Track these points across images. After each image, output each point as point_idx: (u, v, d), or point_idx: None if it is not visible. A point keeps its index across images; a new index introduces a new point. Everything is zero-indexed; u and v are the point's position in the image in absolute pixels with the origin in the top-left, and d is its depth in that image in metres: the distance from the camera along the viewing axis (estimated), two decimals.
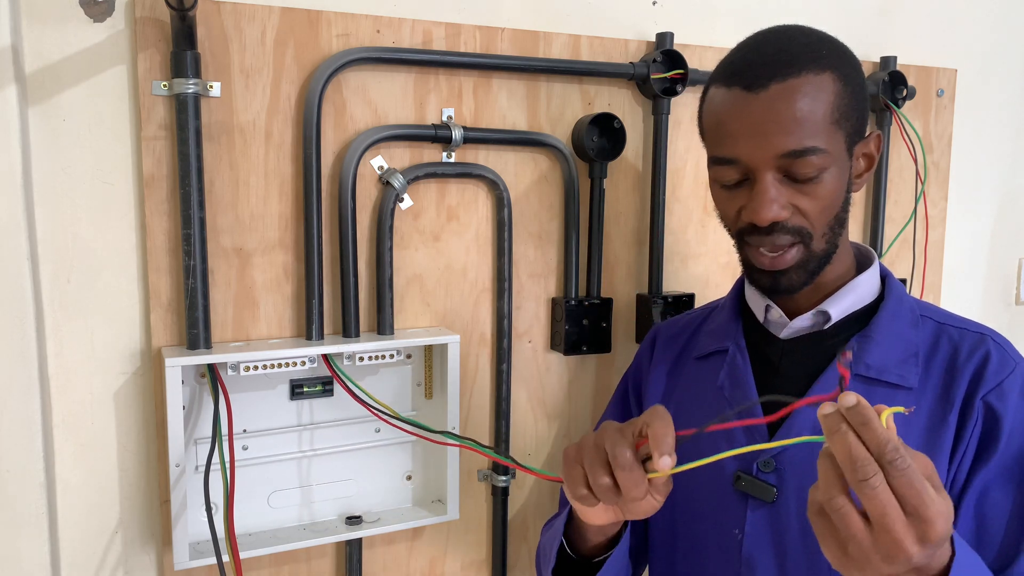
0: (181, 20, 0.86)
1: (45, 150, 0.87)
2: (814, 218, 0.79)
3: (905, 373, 0.81)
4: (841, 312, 0.85)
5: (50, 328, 0.90)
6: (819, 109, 0.76)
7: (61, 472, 0.92)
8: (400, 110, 1.01)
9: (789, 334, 0.86)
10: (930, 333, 0.83)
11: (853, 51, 0.83)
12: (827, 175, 0.78)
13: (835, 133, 0.77)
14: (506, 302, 1.09)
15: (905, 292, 0.87)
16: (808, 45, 0.79)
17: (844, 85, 0.78)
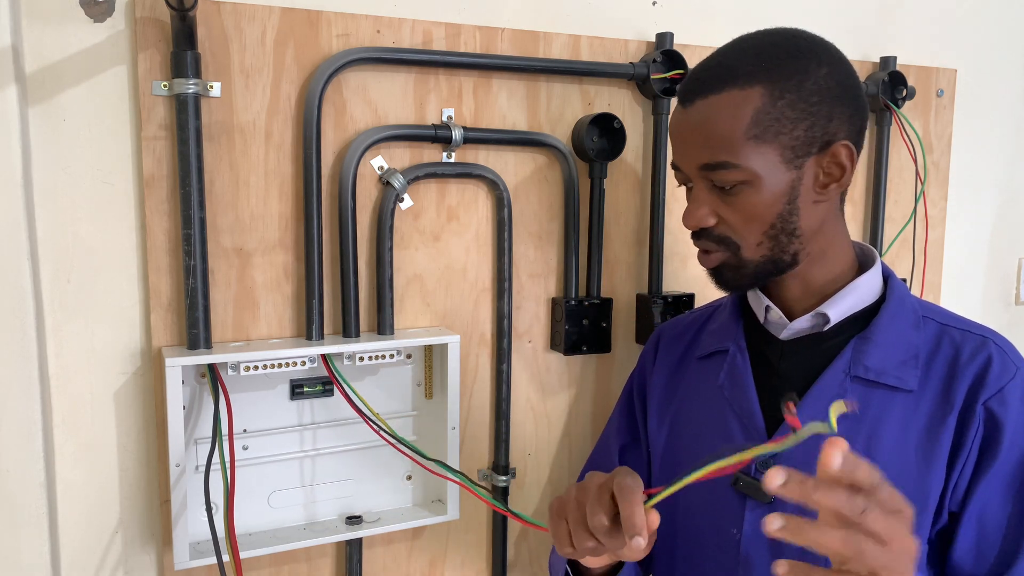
0: (181, 20, 0.86)
1: (45, 150, 0.87)
2: (739, 228, 0.82)
3: (904, 375, 0.81)
4: (840, 314, 0.85)
5: (50, 328, 0.90)
6: (734, 125, 0.79)
7: (61, 472, 0.92)
8: (400, 110, 1.01)
9: (789, 335, 0.87)
10: (932, 334, 0.83)
11: (837, 54, 0.82)
12: (748, 188, 0.80)
13: (755, 148, 0.79)
14: (506, 302, 1.09)
15: (908, 293, 0.87)
16: (748, 59, 0.80)
17: (775, 100, 0.78)
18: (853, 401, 0.83)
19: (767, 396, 0.86)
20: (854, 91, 0.82)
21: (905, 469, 0.79)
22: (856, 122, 0.82)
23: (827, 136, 0.80)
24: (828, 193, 0.82)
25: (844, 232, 0.87)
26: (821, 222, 0.83)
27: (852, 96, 0.81)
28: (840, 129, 0.80)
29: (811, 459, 0.78)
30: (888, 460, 0.79)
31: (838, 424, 0.64)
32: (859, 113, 0.82)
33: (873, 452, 0.80)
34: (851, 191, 1.32)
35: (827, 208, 0.83)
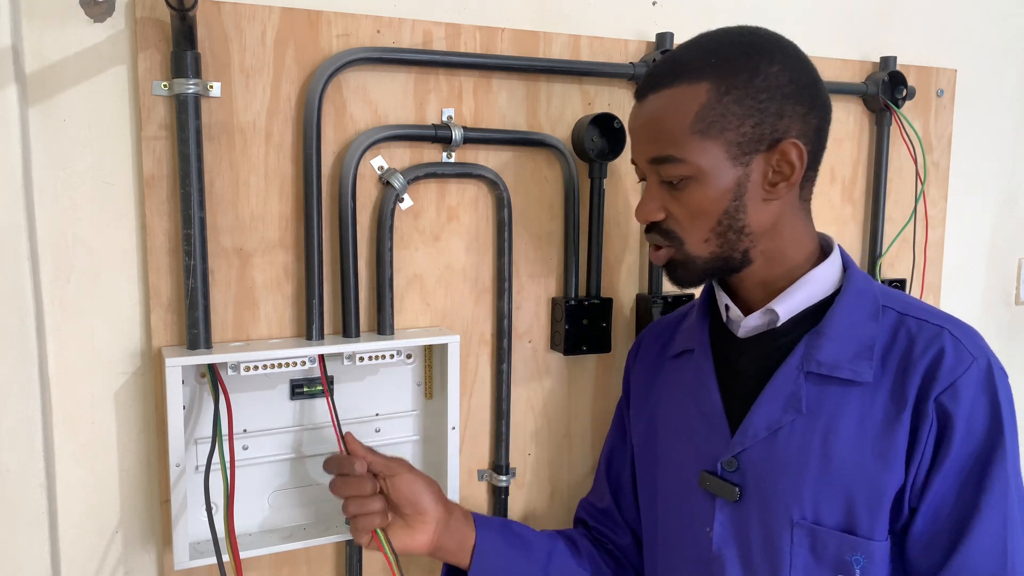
0: (181, 20, 0.86)
1: (45, 150, 0.87)
2: (685, 224, 0.83)
3: (859, 368, 0.80)
4: (790, 310, 0.85)
5: (50, 328, 0.90)
6: (679, 120, 0.80)
7: (61, 472, 0.92)
8: (400, 110, 1.01)
9: (745, 332, 0.88)
10: (890, 325, 0.82)
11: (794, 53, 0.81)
12: (694, 183, 0.81)
13: (700, 143, 0.79)
14: (506, 302, 1.09)
15: (868, 281, 0.86)
16: (700, 55, 0.81)
17: (721, 95, 0.78)
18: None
19: (729, 394, 0.88)
20: (811, 90, 0.81)
21: (863, 463, 0.79)
22: (811, 120, 0.81)
23: (776, 134, 0.80)
24: (778, 191, 0.81)
25: (805, 229, 0.86)
26: (774, 220, 0.83)
27: (808, 95, 0.81)
28: (792, 127, 0.80)
29: (771, 458, 0.82)
30: (846, 455, 0.79)
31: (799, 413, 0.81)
32: (816, 112, 0.81)
33: (830, 447, 0.80)
34: (851, 191, 1.32)
35: (780, 206, 0.83)
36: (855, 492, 0.79)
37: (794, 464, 0.81)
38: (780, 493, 0.82)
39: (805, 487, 0.80)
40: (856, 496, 0.79)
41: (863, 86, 1.29)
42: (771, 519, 0.82)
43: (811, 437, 0.81)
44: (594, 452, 1.19)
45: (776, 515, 0.82)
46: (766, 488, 0.83)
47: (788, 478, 0.81)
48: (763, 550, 0.83)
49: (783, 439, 0.82)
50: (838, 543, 0.79)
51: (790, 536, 0.81)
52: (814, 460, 0.80)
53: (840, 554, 0.79)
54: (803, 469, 0.81)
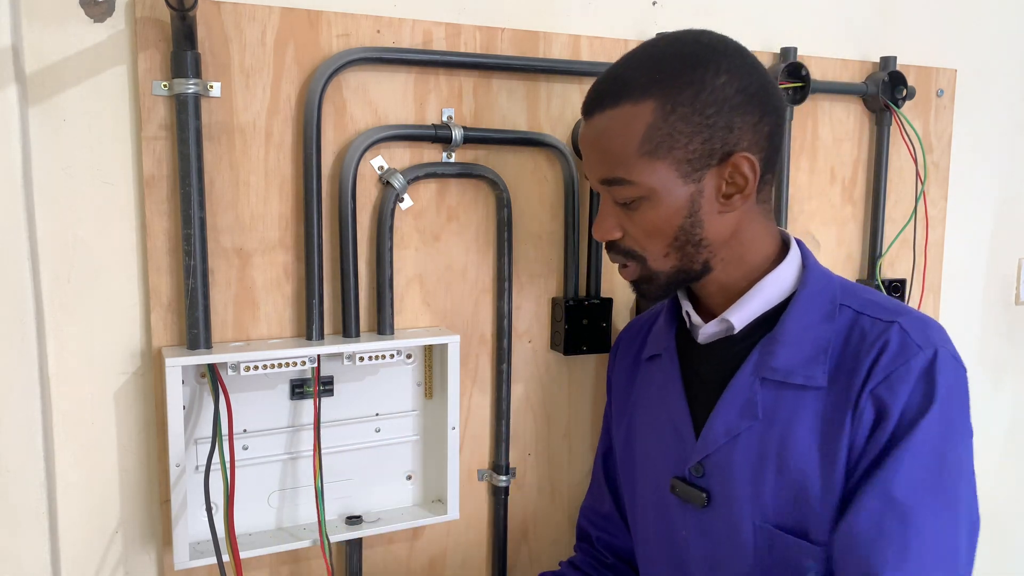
0: (181, 20, 0.86)
1: (45, 150, 0.87)
2: (642, 242, 0.83)
3: (812, 372, 0.79)
4: (744, 319, 0.84)
5: (50, 328, 0.90)
6: (626, 142, 0.79)
7: (61, 472, 0.92)
8: (400, 110, 1.01)
9: (705, 339, 0.88)
10: (845, 324, 0.80)
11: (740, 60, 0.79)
12: (646, 203, 0.80)
13: (649, 164, 0.78)
14: (506, 302, 1.09)
15: (827, 279, 0.84)
16: (643, 71, 0.79)
17: (667, 114, 0.77)
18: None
19: (695, 400, 0.88)
20: (760, 97, 0.79)
21: (814, 468, 0.78)
22: (763, 128, 0.79)
23: (727, 147, 0.78)
24: (733, 203, 0.80)
25: (764, 230, 0.85)
26: (732, 230, 0.82)
27: (758, 102, 0.79)
28: (742, 139, 0.78)
29: (735, 462, 0.82)
30: (799, 459, 0.79)
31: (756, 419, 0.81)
32: (767, 119, 0.79)
33: (786, 452, 0.79)
34: (851, 191, 1.32)
35: (737, 216, 0.82)
36: (809, 497, 0.78)
37: (753, 470, 0.81)
38: (742, 498, 0.82)
39: (764, 492, 0.80)
40: (810, 501, 0.78)
41: (863, 86, 1.29)
42: (736, 524, 0.83)
43: (768, 443, 0.80)
44: (594, 452, 1.19)
45: (740, 520, 0.82)
46: (730, 493, 0.83)
47: (748, 483, 0.82)
48: (730, 554, 0.84)
49: (742, 445, 0.82)
50: (796, 548, 0.79)
51: (753, 540, 0.81)
52: (771, 465, 0.80)
53: (798, 559, 0.79)
54: (762, 474, 0.81)
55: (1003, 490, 1.63)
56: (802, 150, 1.27)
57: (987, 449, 1.58)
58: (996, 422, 1.59)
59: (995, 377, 1.58)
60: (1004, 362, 1.58)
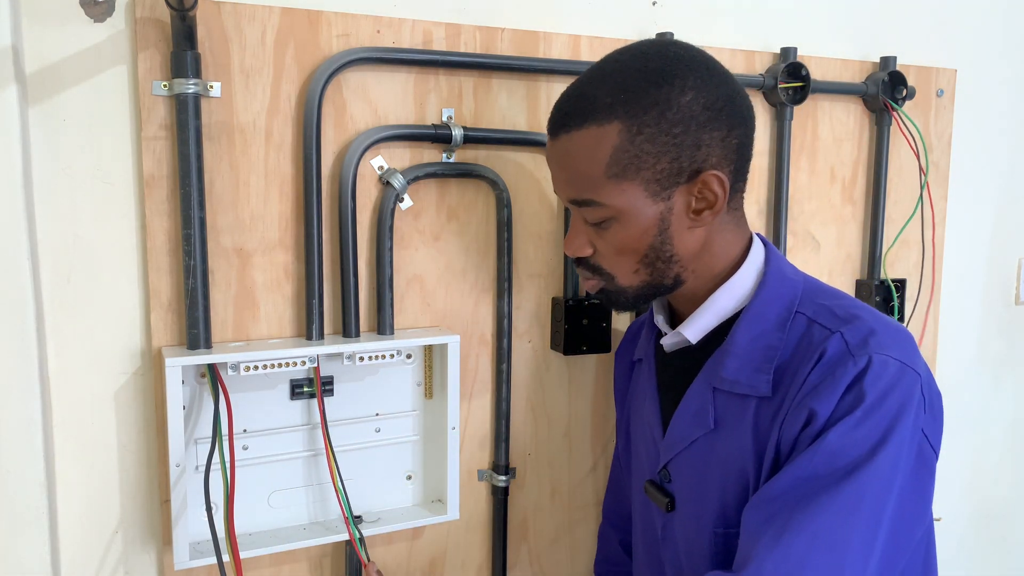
0: (181, 20, 0.86)
1: (45, 150, 0.87)
2: (611, 260, 0.82)
3: (756, 383, 0.78)
4: (698, 333, 0.85)
5: (50, 328, 0.90)
6: (593, 165, 0.78)
7: (61, 472, 0.92)
8: (400, 110, 1.01)
9: (669, 348, 0.89)
10: (798, 333, 0.79)
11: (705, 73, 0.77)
12: (616, 224, 0.80)
13: (617, 185, 0.77)
14: (506, 302, 1.09)
15: (786, 286, 0.82)
16: (607, 90, 0.77)
17: (633, 136, 0.76)
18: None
19: (668, 406, 0.89)
20: (727, 110, 0.77)
21: (750, 474, 0.79)
22: (730, 142, 0.78)
23: (695, 164, 0.77)
24: (703, 219, 0.80)
25: (733, 238, 0.84)
26: (702, 243, 0.82)
27: (724, 117, 0.77)
28: (711, 155, 0.77)
29: (696, 468, 0.84)
30: (743, 467, 0.79)
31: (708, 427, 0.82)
32: (735, 132, 0.78)
33: (733, 460, 0.80)
34: (851, 191, 1.32)
35: (707, 229, 0.81)
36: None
37: (711, 477, 0.82)
38: (702, 504, 0.83)
39: (723, 499, 0.81)
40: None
41: (863, 86, 1.29)
42: (697, 529, 0.84)
43: (721, 451, 0.81)
44: (594, 452, 1.19)
45: (702, 525, 0.83)
46: (690, 499, 0.85)
47: (707, 490, 0.83)
48: (690, 558, 0.86)
49: (699, 452, 0.83)
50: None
51: (712, 545, 0.82)
52: (726, 472, 0.81)
53: None
54: (718, 482, 0.81)
55: (1003, 490, 1.63)
56: (802, 150, 1.27)
57: (987, 449, 1.58)
58: (996, 422, 1.59)
59: (995, 377, 1.58)
60: (1004, 362, 1.58)
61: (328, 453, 0.98)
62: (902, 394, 0.72)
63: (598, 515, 1.21)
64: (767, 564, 0.69)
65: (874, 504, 0.70)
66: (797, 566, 0.68)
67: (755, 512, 0.73)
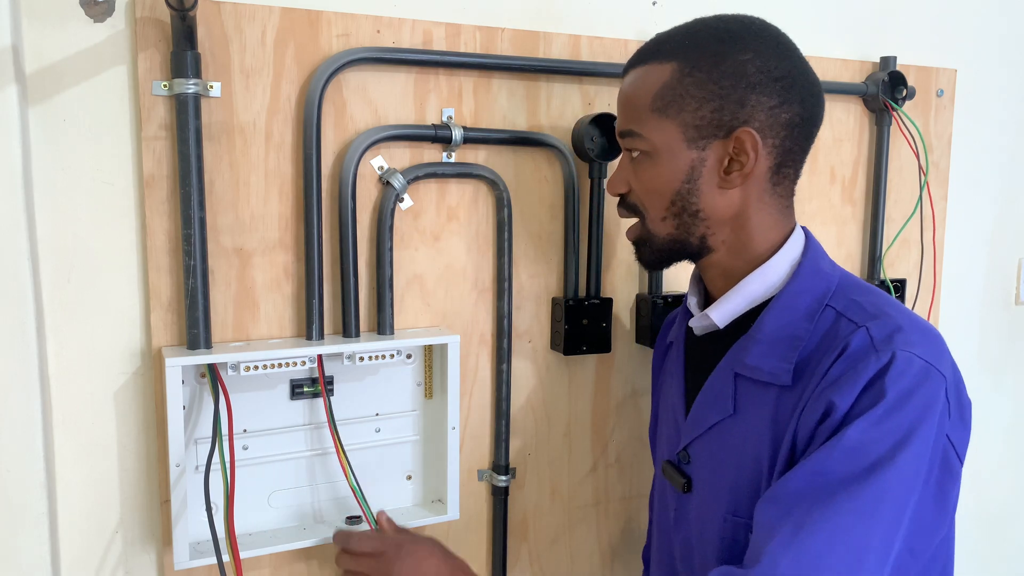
0: (181, 20, 0.86)
1: (45, 150, 0.87)
2: (643, 198, 0.85)
3: (777, 370, 0.78)
4: (725, 317, 0.85)
5: (50, 328, 0.90)
6: (642, 96, 0.82)
7: (61, 472, 0.92)
8: (400, 110, 1.01)
9: (699, 331, 0.90)
10: (825, 326, 0.78)
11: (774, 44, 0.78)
12: (649, 160, 0.83)
13: (657, 121, 0.81)
14: (506, 302, 1.09)
15: (820, 278, 0.82)
16: (678, 37, 0.82)
17: (684, 77, 0.79)
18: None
19: (693, 390, 0.90)
20: (783, 83, 0.78)
21: (764, 464, 0.78)
22: (779, 114, 0.78)
23: (735, 122, 0.78)
24: (732, 180, 0.80)
25: (774, 223, 0.83)
26: (735, 210, 0.82)
27: (778, 87, 0.78)
28: (753, 118, 0.78)
29: (716, 453, 0.84)
30: (757, 455, 0.79)
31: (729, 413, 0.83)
32: (787, 107, 0.79)
33: (749, 449, 0.80)
34: (851, 191, 1.32)
35: (742, 196, 0.81)
36: (760, 491, 0.79)
37: (728, 462, 0.83)
38: (717, 489, 0.84)
39: (737, 485, 0.81)
40: (760, 495, 0.78)
41: (863, 86, 1.29)
42: (709, 513, 0.84)
43: (740, 437, 0.82)
44: (594, 452, 1.19)
45: (714, 510, 0.84)
46: (707, 483, 0.85)
47: (723, 475, 0.83)
48: (700, 541, 0.86)
49: (717, 437, 0.84)
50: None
51: (720, 531, 0.83)
52: (739, 458, 0.81)
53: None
54: (735, 467, 0.82)
55: (1003, 490, 1.63)
56: None
57: (987, 449, 1.58)
58: (996, 422, 1.59)
59: (995, 377, 1.58)
60: (1004, 362, 1.58)
61: (338, 449, 0.98)
62: (926, 395, 0.71)
63: (598, 515, 1.21)
64: (782, 562, 0.68)
65: (894, 506, 0.69)
66: (813, 566, 0.67)
67: (770, 507, 0.72)
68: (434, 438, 1.06)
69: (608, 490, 1.21)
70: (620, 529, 1.23)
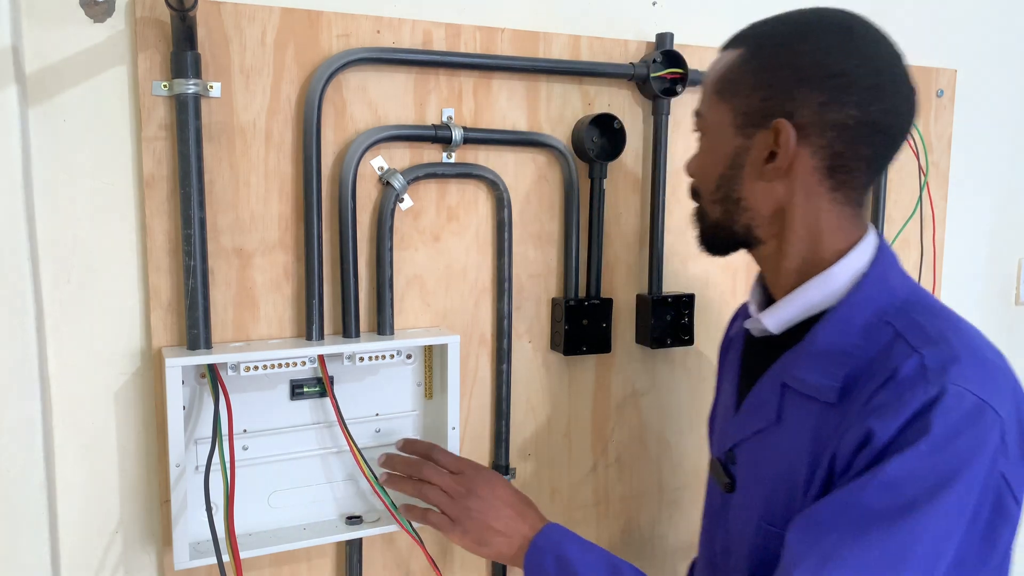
0: (181, 20, 0.86)
1: (45, 150, 0.87)
2: (697, 180, 0.86)
3: (824, 386, 0.75)
4: (780, 323, 0.82)
5: (50, 328, 0.90)
6: (711, 78, 0.82)
7: (61, 472, 0.92)
8: (400, 110, 1.01)
9: (756, 332, 0.89)
10: (881, 344, 0.74)
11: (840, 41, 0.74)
12: (704, 140, 0.84)
13: (717, 104, 0.81)
14: (506, 302, 1.09)
15: (884, 292, 0.78)
16: (760, 23, 0.81)
17: (744, 63, 0.78)
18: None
19: (747, 388, 0.88)
20: (843, 82, 0.73)
21: (801, 479, 0.76)
22: (829, 114, 0.73)
23: (779, 113, 0.75)
24: (771, 173, 0.77)
25: (834, 230, 0.79)
26: (776, 205, 0.79)
27: (835, 86, 0.73)
28: (798, 112, 0.74)
29: (760, 459, 0.83)
30: (796, 470, 0.77)
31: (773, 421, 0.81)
32: (841, 108, 0.73)
33: (791, 459, 0.78)
34: None
35: (782, 191, 0.78)
36: (794, 506, 0.77)
37: (768, 470, 0.81)
38: (756, 495, 0.83)
39: (771, 492, 0.80)
40: (794, 509, 0.76)
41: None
42: (747, 517, 0.84)
43: (780, 446, 0.80)
44: (594, 452, 1.19)
45: (751, 514, 0.83)
46: (749, 486, 0.85)
47: (760, 481, 0.82)
48: (737, 543, 0.86)
49: (760, 443, 0.83)
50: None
51: (754, 537, 0.82)
52: (777, 468, 0.80)
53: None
54: (770, 475, 0.81)
55: None
56: None
57: None
58: None
59: None
60: None
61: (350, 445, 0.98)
62: (976, 435, 0.66)
63: (598, 515, 1.21)
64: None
65: (929, 550, 0.65)
66: None
67: (800, 531, 0.70)
68: (434, 438, 1.06)
69: (608, 490, 1.21)
70: (620, 529, 1.23)
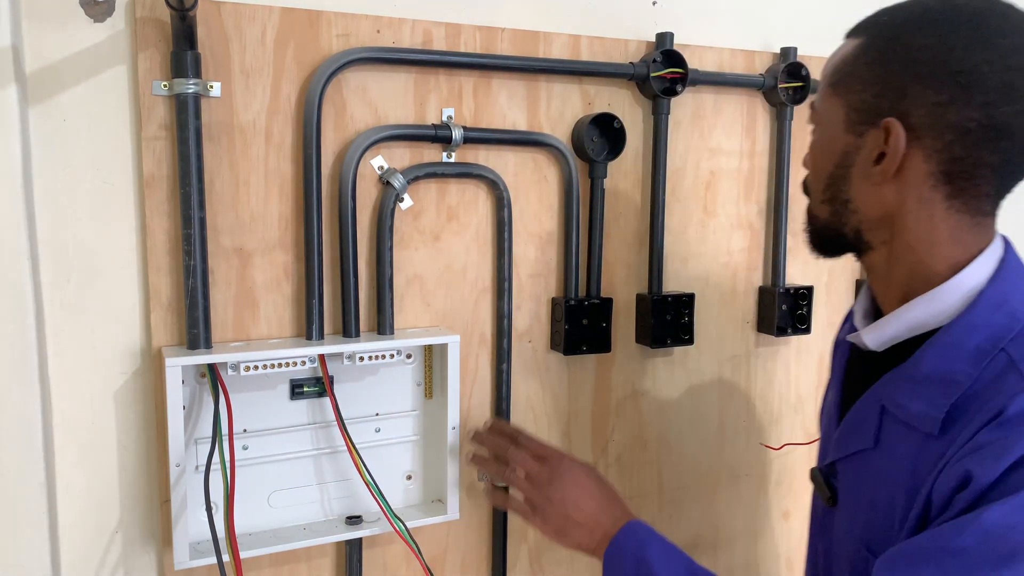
0: (181, 20, 0.86)
1: (45, 150, 0.87)
2: (809, 176, 0.82)
3: (926, 417, 0.70)
4: (882, 341, 0.77)
5: (50, 328, 0.90)
6: (828, 70, 0.78)
7: (61, 472, 0.92)
8: (400, 110, 1.01)
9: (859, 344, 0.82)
10: (991, 374, 0.68)
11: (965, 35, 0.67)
12: (817, 133, 0.80)
13: (830, 97, 0.76)
14: (506, 302, 1.09)
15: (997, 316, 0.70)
16: (883, 12, 0.75)
17: (861, 55, 0.73)
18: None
19: (849, 399, 0.83)
20: (967, 80, 0.67)
21: (897, 509, 0.73)
22: (946, 115, 0.67)
23: (891, 112, 0.70)
24: (879, 175, 0.72)
25: (952, 241, 0.73)
26: (885, 209, 0.73)
27: (958, 85, 0.67)
28: (911, 111, 0.68)
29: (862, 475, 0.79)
30: (892, 498, 0.73)
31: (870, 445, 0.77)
32: (962, 108, 0.67)
33: (888, 486, 0.74)
34: None
35: (893, 195, 0.72)
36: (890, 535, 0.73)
37: (864, 491, 0.78)
38: (854, 514, 0.79)
39: (868, 518, 0.76)
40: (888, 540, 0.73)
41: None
42: (845, 534, 0.80)
43: (878, 472, 0.76)
44: (594, 452, 1.19)
45: (849, 533, 0.79)
46: (849, 504, 0.80)
47: (860, 503, 0.78)
48: (837, 557, 0.82)
49: (859, 465, 0.79)
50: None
51: (852, 558, 0.78)
52: (875, 494, 0.76)
53: None
54: (868, 499, 0.77)
55: None
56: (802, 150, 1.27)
57: None
58: None
59: None
60: None
61: (349, 447, 0.98)
62: None
63: None
64: None
65: None
66: None
67: (887, 568, 0.67)
68: (434, 438, 1.06)
69: None
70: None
